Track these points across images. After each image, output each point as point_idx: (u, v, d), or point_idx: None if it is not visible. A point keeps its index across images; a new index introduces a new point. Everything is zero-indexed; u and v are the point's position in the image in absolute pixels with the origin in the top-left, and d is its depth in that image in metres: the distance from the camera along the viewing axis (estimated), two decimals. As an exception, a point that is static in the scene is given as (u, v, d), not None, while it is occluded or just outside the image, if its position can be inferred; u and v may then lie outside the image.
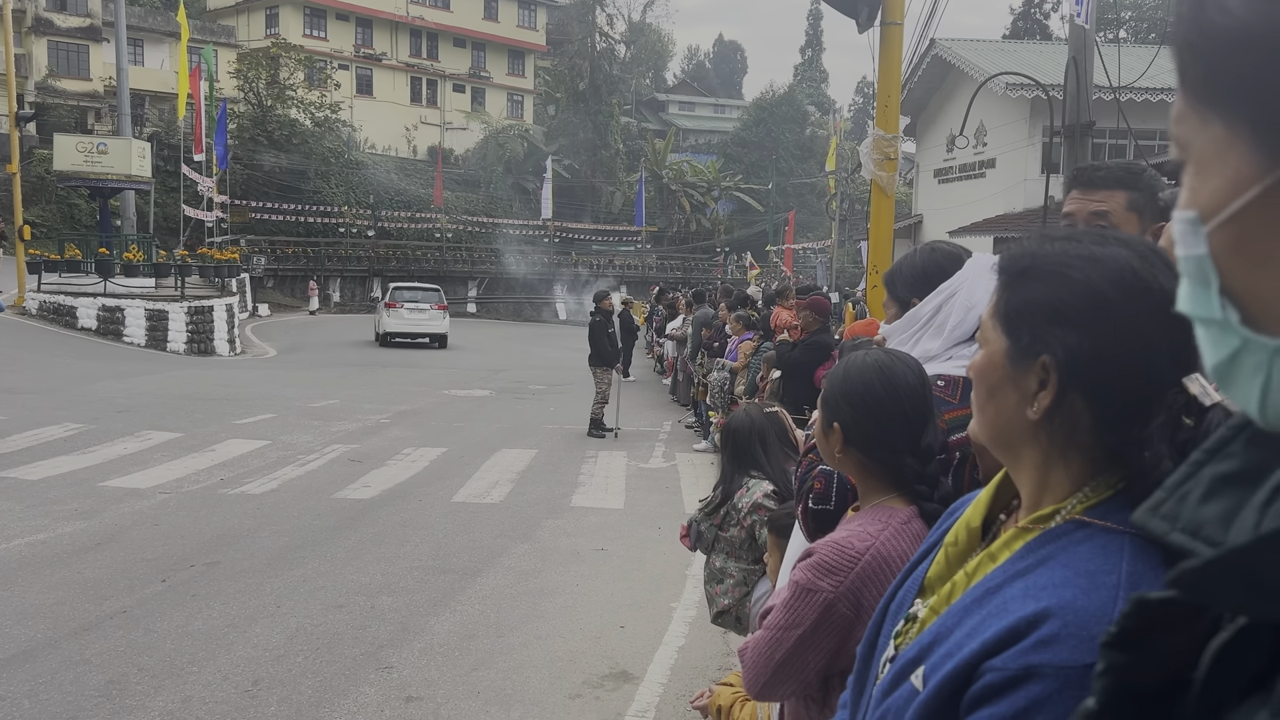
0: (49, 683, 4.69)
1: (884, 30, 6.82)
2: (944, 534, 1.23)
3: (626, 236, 55.42)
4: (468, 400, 16.31)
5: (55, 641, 5.21)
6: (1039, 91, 19.89)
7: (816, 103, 71.69)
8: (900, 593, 1.24)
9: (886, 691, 1.11)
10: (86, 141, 28.14)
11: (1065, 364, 1.02)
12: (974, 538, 1.18)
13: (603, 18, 61.46)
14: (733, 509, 3.44)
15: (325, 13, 55.05)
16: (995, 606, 1.00)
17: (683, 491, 9.72)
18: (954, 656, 1.00)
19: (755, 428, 3.45)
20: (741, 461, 3.47)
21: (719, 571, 3.45)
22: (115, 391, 14.67)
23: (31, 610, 5.64)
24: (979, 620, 1.00)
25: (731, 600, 3.38)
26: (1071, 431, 1.04)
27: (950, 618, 1.06)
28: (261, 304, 35.89)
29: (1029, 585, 0.99)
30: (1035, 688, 0.91)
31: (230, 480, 9.23)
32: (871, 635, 1.27)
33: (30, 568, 6.41)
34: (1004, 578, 1.03)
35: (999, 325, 1.09)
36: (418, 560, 6.97)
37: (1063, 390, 1.03)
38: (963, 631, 1.01)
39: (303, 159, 43.60)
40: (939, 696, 1.00)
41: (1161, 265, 1.02)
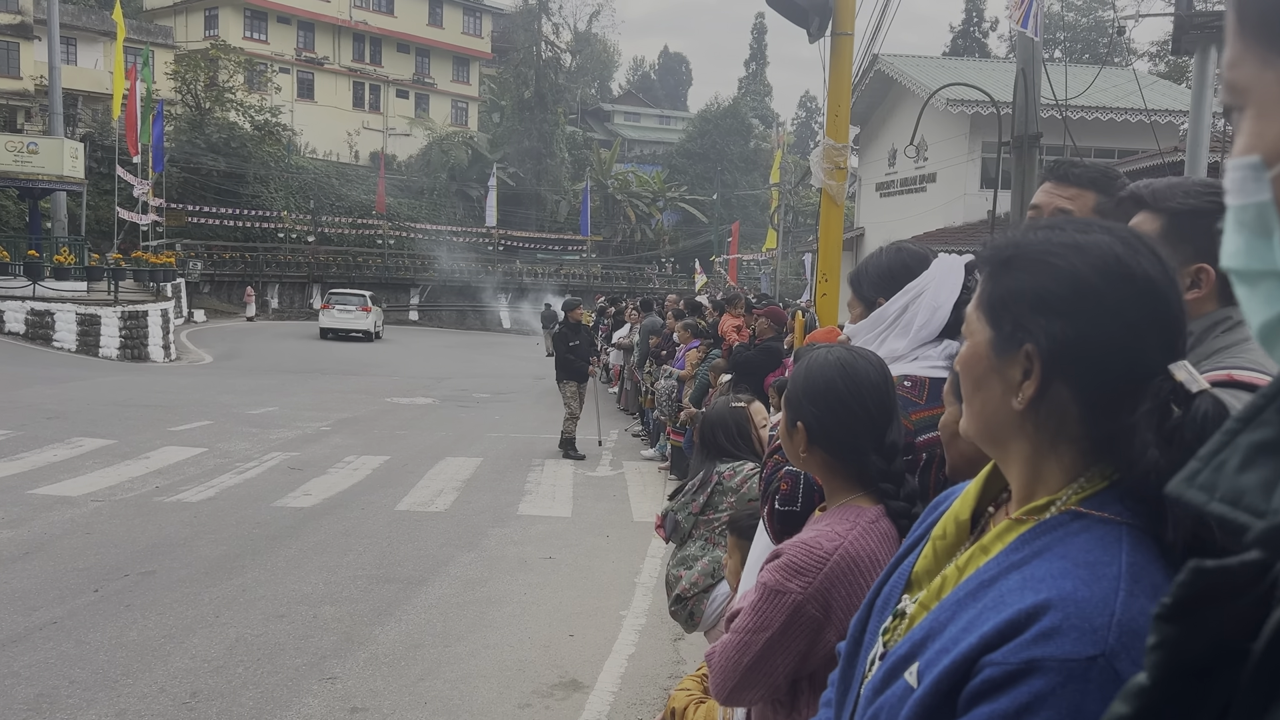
0: (-26, 697, 4.50)
1: (835, 40, 6.86)
2: (930, 527, 1.21)
3: (571, 245, 55.35)
4: (410, 408, 16.11)
5: (-19, 654, 5.01)
6: (979, 107, 20.29)
7: (760, 116, 72.36)
8: (886, 588, 1.22)
9: (878, 689, 1.08)
10: (16, 141, 27.34)
11: (1048, 352, 1.01)
12: (963, 530, 1.16)
13: (548, 26, 61.41)
14: (720, 490, 3.44)
15: (266, 15, 54.21)
16: (992, 599, 0.98)
17: (630, 499, 9.69)
18: (950, 652, 0.97)
19: (720, 419, 3.50)
20: (709, 450, 3.52)
21: (690, 558, 3.43)
22: (45, 397, 14.23)
23: (-44, 622, 5.43)
24: (975, 614, 0.98)
25: (692, 586, 3.35)
26: (1060, 422, 1.02)
27: (943, 612, 1.04)
28: (198, 310, 35.17)
29: (1026, 577, 0.97)
30: (1038, 682, 0.89)
31: (165, 488, 8.99)
32: (856, 632, 1.24)
33: (-46, 578, 6.17)
34: (999, 570, 1.01)
35: (983, 315, 1.08)
36: (361, 569, 6.85)
37: (1046, 379, 1.01)
38: (958, 626, 0.99)
39: (241, 163, 42.81)
40: (935, 693, 0.97)
41: (1146, 252, 1.01)
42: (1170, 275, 1.01)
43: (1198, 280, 1.70)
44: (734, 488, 3.39)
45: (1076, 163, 2.12)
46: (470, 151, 55.54)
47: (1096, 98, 18.11)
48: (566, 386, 12.39)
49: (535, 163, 57.19)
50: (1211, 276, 1.69)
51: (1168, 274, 1.01)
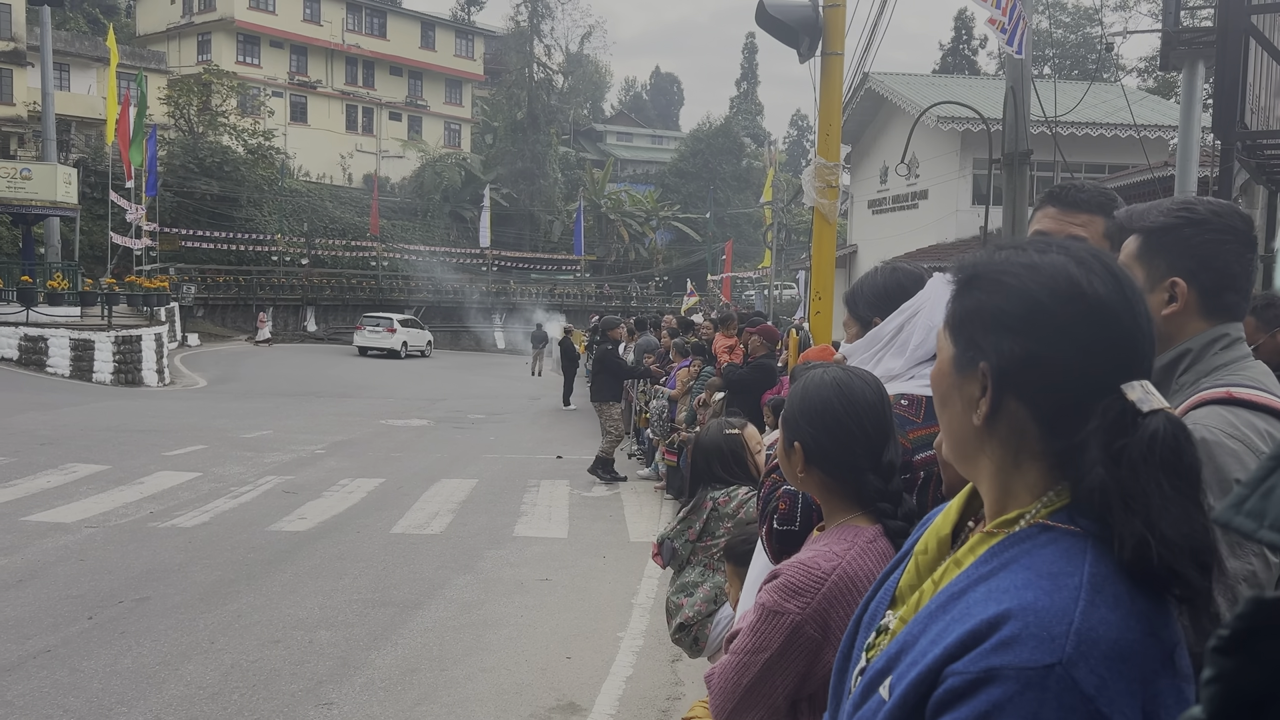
0: (-33, 727, 4.47)
1: (825, 60, 6.92)
2: (915, 544, 1.23)
3: (565, 265, 55.43)
4: (405, 430, 16.08)
5: (-26, 684, 4.97)
6: (970, 124, 20.40)
7: (752, 134, 72.71)
8: (873, 604, 1.23)
9: (857, 704, 1.09)
10: (9, 166, 27.37)
11: (999, 370, 1.03)
12: (944, 546, 1.17)
13: (540, 48, 61.72)
14: (717, 516, 3.42)
15: (259, 40, 54.42)
16: (959, 612, 0.99)
17: (626, 520, 9.66)
18: (918, 664, 0.99)
19: (714, 447, 3.46)
20: (702, 479, 3.49)
21: (690, 585, 3.42)
22: (38, 423, 14.18)
23: (-52, 651, 5.39)
24: (943, 626, 0.99)
25: (696, 614, 3.33)
26: (1020, 439, 1.04)
27: (915, 625, 1.05)
28: (191, 334, 35.10)
29: (991, 589, 0.98)
30: (995, 690, 0.90)
31: (160, 513, 8.95)
32: (845, 649, 1.25)
33: (-53, 607, 6.13)
34: (968, 582, 1.02)
35: (947, 333, 1.12)
36: (357, 593, 6.81)
37: (999, 396, 1.04)
38: (927, 638, 1.00)
39: (235, 186, 42.86)
40: (904, 706, 0.98)
41: (1101, 271, 1.03)
42: (1127, 295, 1.03)
43: (1174, 294, 1.72)
44: (730, 513, 3.38)
45: (1080, 187, 2.13)
46: (463, 173, 55.69)
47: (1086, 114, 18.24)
48: (613, 407, 12.02)
49: (528, 183, 57.35)
50: (1184, 290, 1.71)
51: (1124, 294, 1.03)
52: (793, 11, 6.85)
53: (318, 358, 33.37)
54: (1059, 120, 9.70)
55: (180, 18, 54.41)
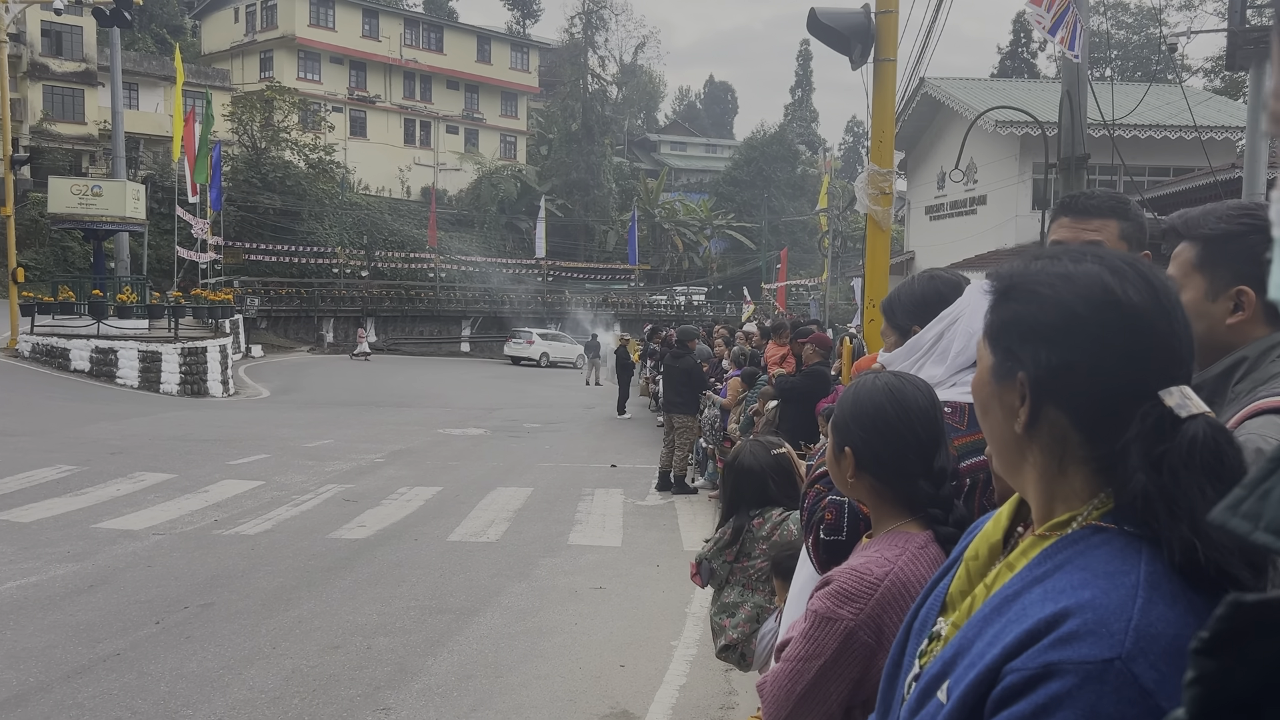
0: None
1: (877, 67, 6.89)
2: (965, 550, 1.23)
3: (620, 275, 55.63)
4: (462, 439, 16.25)
5: (48, 685, 5.12)
6: (1028, 128, 20.10)
7: (807, 141, 72.41)
8: (923, 611, 1.24)
9: (914, 710, 1.10)
10: (81, 184, 28.20)
11: (1036, 379, 1.05)
12: (995, 551, 1.18)
13: (595, 59, 62.18)
14: (751, 538, 3.41)
15: (319, 56, 55.52)
16: (1015, 613, 1.00)
17: (680, 528, 9.66)
18: (976, 666, 1.00)
19: (761, 470, 3.40)
20: (746, 501, 3.43)
21: (731, 605, 3.41)
22: (108, 433, 14.58)
23: (24, 653, 5.56)
24: (1000, 627, 1.00)
25: (740, 635, 3.33)
26: (1062, 445, 1.06)
27: (970, 629, 1.06)
28: (255, 345, 35.84)
29: (1048, 589, 0.99)
30: (1055, 685, 0.91)
31: (224, 521, 9.15)
32: (896, 656, 1.26)
33: (23, 610, 6.33)
34: (1022, 584, 1.03)
35: (986, 343, 1.14)
36: (414, 600, 6.90)
37: (1038, 404, 1.06)
38: (984, 641, 1.02)
39: (297, 200, 43.73)
40: (964, 707, 0.99)
41: (1135, 279, 1.04)
42: (1163, 302, 1.04)
43: (1240, 303, 1.68)
44: (764, 535, 3.36)
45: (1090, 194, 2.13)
46: (519, 184, 56.22)
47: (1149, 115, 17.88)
48: (690, 420, 11.89)
49: (583, 194, 57.72)
50: (1252, 299, 1.68)
51: (1159, 301, 1.03)
52: (844, 19, 6.83)
53: (408, 368, 33.83)
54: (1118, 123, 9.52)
55: (244, 36, 55.74)
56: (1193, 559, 0.94)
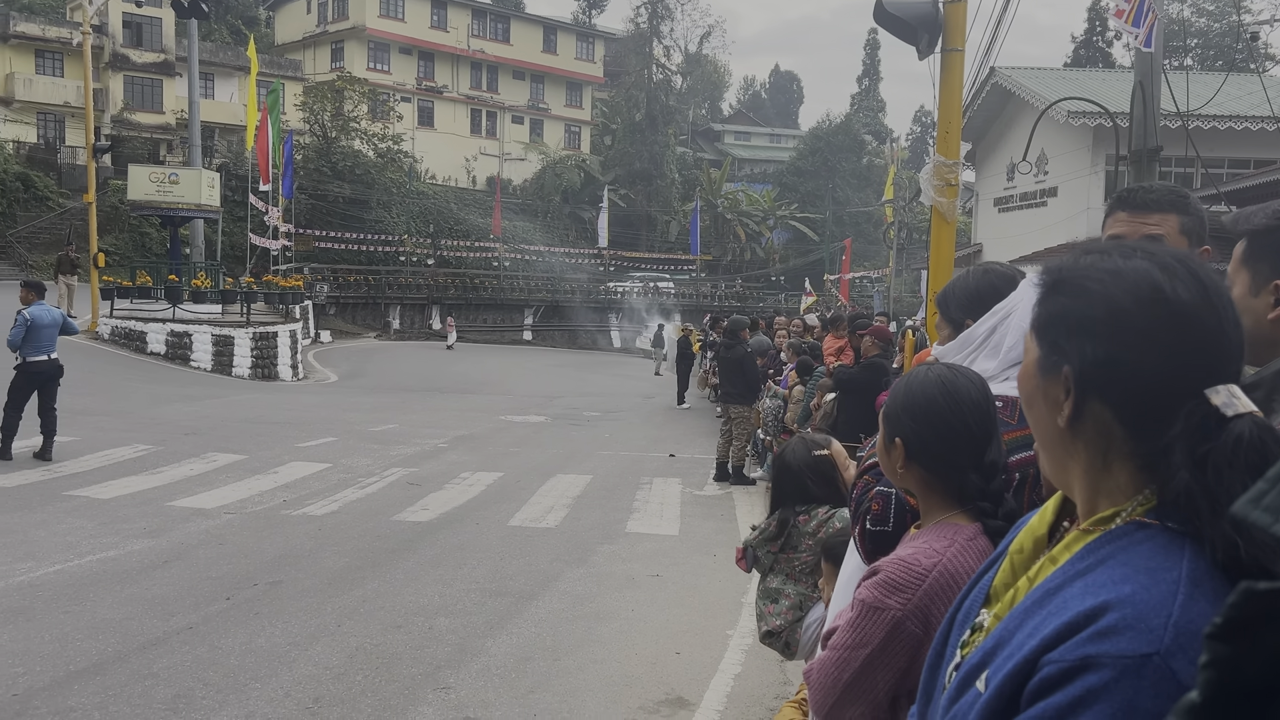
0: (118, 695, 4.80)
1: (944, 57, 6.81)
2: (1010, 544, 1.25)
3: (682, 265, 55.60)
4: (524, 426, 16.42)
5: (124, 655, 5.33)
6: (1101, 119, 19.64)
7: (874, 132, 71.53)
8: (967, 602, 1.25)
9: (953, 699, 1.12)
10: (159, 172, 28.99)
11: (1081, 374, 1.05)
12: (1039, 545, 1.19)
13: (659, 49, 62.08)
14: (798, 533, 3.42)
15: (389, 47, 56.27)
16: (1055, 606, 1.01)
17: (738, 519, 9.68)
18: (1014, 657, 1.01)
19: (799, 470, 3.41)
20: (787, 497, 3.45)
21: (774, 591, 3.44)
22: (183, 414, 15.02)
23: (103, 624, 5.79)
24: (1040, 620, 1.01)
25: (784, 622, 3.36)
26: (1108, 441, 1.06)
27: (1011, 621, 1.07)
28: (324, 330, 36.54)
29: (1089, 583, 1.00)
30: (1092, 677, 0.91)
31: (292, 501, 9.39)
32: (939, 645, 1.27)
33: (101, 583, 6.58)
34: (1064, 578, 1.04)
35: (1033, 336, 1.14)
36: (475, 582, 7.03)
37: (1081, 400, 1.06)
38: (1024, 632, 1.03)
39: (365, 189, 44.46)
40: (1000, 697, 1.01)
41: (1185, 276, 1.04)
42: (1212, 300, 1.03)
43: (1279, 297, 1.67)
44: (810, 531, 3.37)
45: (1148, 188, 2.10)
46: (582, 174, 56.46)
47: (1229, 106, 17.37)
48: (746, 410, 11.89)
49: (646, 184, 57.77)
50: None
51: (1209, 299, 1.03)
52: (912, 8, 6.76)
53: (471, 356, 34.28)
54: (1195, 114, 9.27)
55: (315, 27, 56.71)
56: (1235, 557, 0.93)
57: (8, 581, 6.50)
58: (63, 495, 9.11)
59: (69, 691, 4.82)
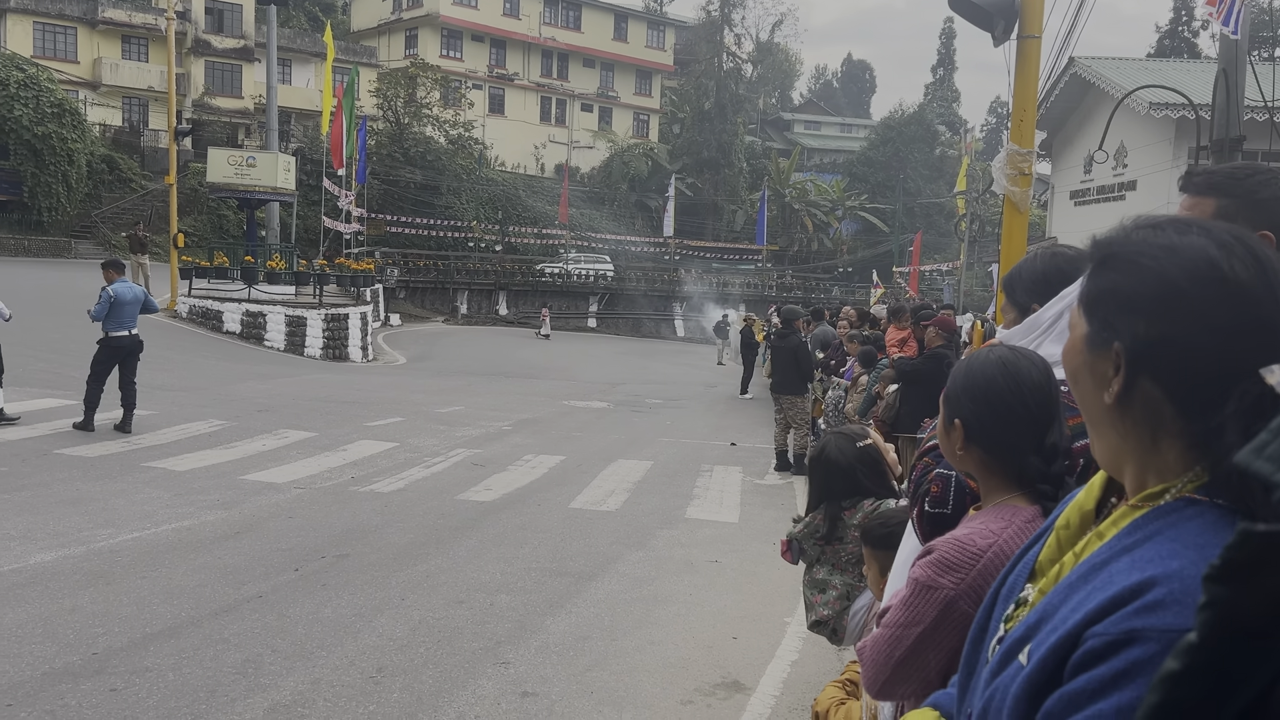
0: (191, 658, 4.97)
1: (1021, 44, 6.69)
2: (1055, 519, 1.24)
3: (747, 255, 55.35)
4: (586, 411, 16.53)
5: (198, 620, 5.52)
6: (1185, 110, 19.08)
7: (947, 122, 70.32)
8: (1011, 577, 1.25)
9: (995, 672, 1.12)
10: (237, 155, 29.69)
11: (1132, 351, 1.03)
12: (1086, 520, 1.18)
13: (730, 38, 61.78)
14: (843, 525, 3.41)
15: (461, 34, 56.84)
16: (1101, 580, 1.00)
17: (799, 508, 9.62)
18: (1058, 630, 1.01)
19: (850, 465, 3.37)
20: (836, 495, 3.41)
21: (821, 581, 3.43)
22: (256, 392, 15.40)
23: (177, 590, 5.99)
24: (1084, 594, 1.01)
25: (831, 612, 3.35)
26: (1156, 418, 1.04)
27: (1056, 595, 1.07)
28: (393, 314, 37.14)
29: (1135, 559, 0.99)
30: (1136, 650, 0.91)
31: (360, 479, 9.59)
32: (982, 619, 1.27)
33: (177, 551, 6.81)
34: (1110, 553, 1.04)
35: (1081, 311, 1.12)
36: (535, 562, 7.12)
37: (1131, 377, 1.04)
38: (1068, 607, 1.02)
39: (436, 175, 45.04)
40: (1043, 670, 1.00)
41: (1242, 254, 1.01)
42: (1270, 279, 1.00)
43: None
44: (856, 524, 3.35)
45: (1199, 170, 2.02)
46: (650, 162, 56.47)
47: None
48: (798, 399, 11.89)
49: (713, 173, 57.58)
50: None
51: (1266, 278, 1.00)
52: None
53: (535, 342, 34.61)
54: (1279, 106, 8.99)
55: (390, 14, 57.49)
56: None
57: (89, 547, 6.76)
58: (141, 466, 9.43)
59: (145, 652, 5.00)
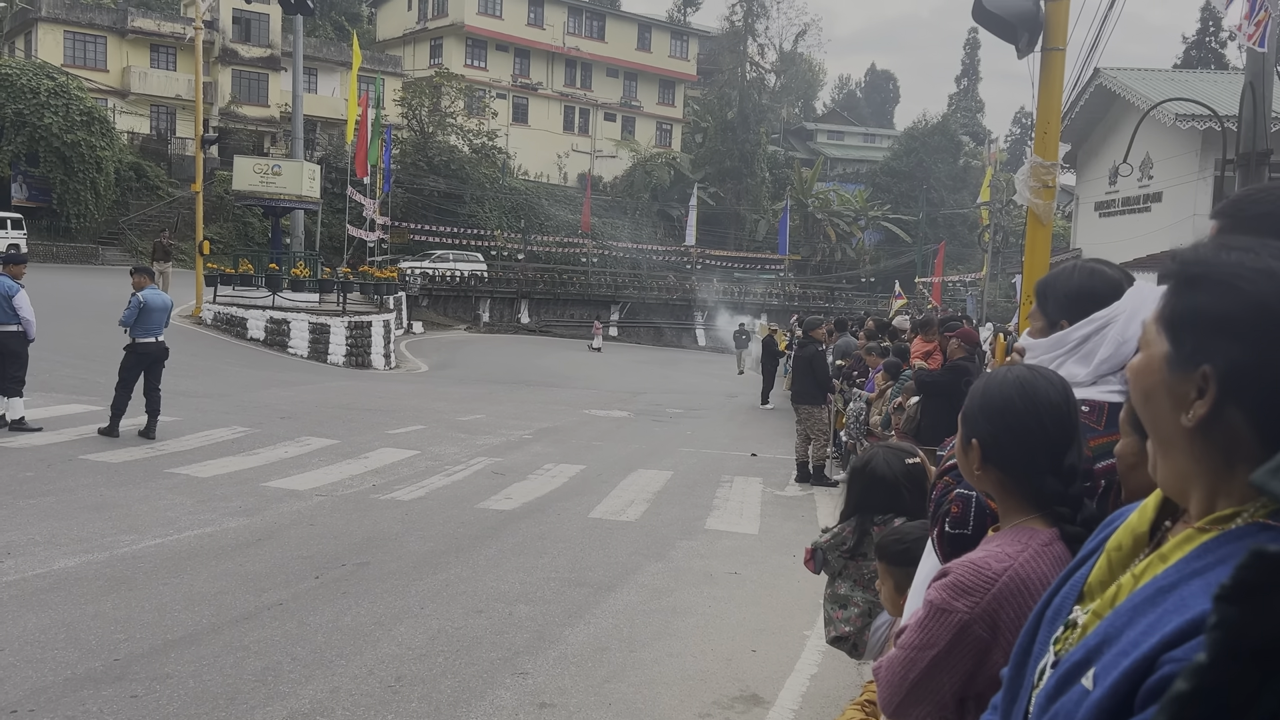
0: (211, 665, 5.00)
1: (1045, 56, 6.67)
2: (1102, 542, 1.23)
3: (769, 265, 55.28)
4: (607, 420, 16.54)
5: (218, 627, 5.55)
6: (1212, 122, 18.92)
7: (971, 133, 70.07)
8: (1057, 599, 1.23)
9: (1052, 696, 1.10)
10: (263, 163, 29.93)
11: (1225, 376, 1.01)
12: (1140, 542, 1.17)
13: (754, 47, 61.83)
14: (868, 541, 3.38)
15: (486, 44, 57.16)
16: (1172, 604, 0.99)
17: (819, 520, 9.61)
18: (1130, 654, 0.99)
19: (895, 480, 3.34)
20: (874, 508, 3.38)
21: (843, 597, 3.41)
22: (279, 399, 15.51)
23: (199, 597, 6.04)
24: (1155, 618, 1.00)
25: (853, 629, 3.34)
26: (1232, 443, 1.02)
27: (1119, 618, 1.05)
28: (416, 321, 37.31)
29: (1209, 583, 0.97)
30: None
31: (381, 486, 9.63)
32: (1025, 642, 1.25)
33: (198, 558, 6.86)
34: (1179, 576, 1.02)
35: (1162, 330, 1.09)
36: (555, 572, 7.13)
37: (1220, 402, 1.01)
38: (1136, 630, 1.01)
39: (460, 184, 45.27)
40: (1115, 694, 0.99)
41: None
42: None
43: None
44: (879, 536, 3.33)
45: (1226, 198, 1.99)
46: (672, 172, 56.54)
47: (1351, 109, 16.54)
48: (815, 409, 11.86)
49: (736, 182, 57.57)
50: None
51: None
52: (1012, 6, 6.63)
53: (557, 350, 34.67)
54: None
55: (415, 24, 57.92)
56: None
57: (112, 553, 6.82)
58: (164, 473, 9.51)
59: (166, 659, 5.04)
